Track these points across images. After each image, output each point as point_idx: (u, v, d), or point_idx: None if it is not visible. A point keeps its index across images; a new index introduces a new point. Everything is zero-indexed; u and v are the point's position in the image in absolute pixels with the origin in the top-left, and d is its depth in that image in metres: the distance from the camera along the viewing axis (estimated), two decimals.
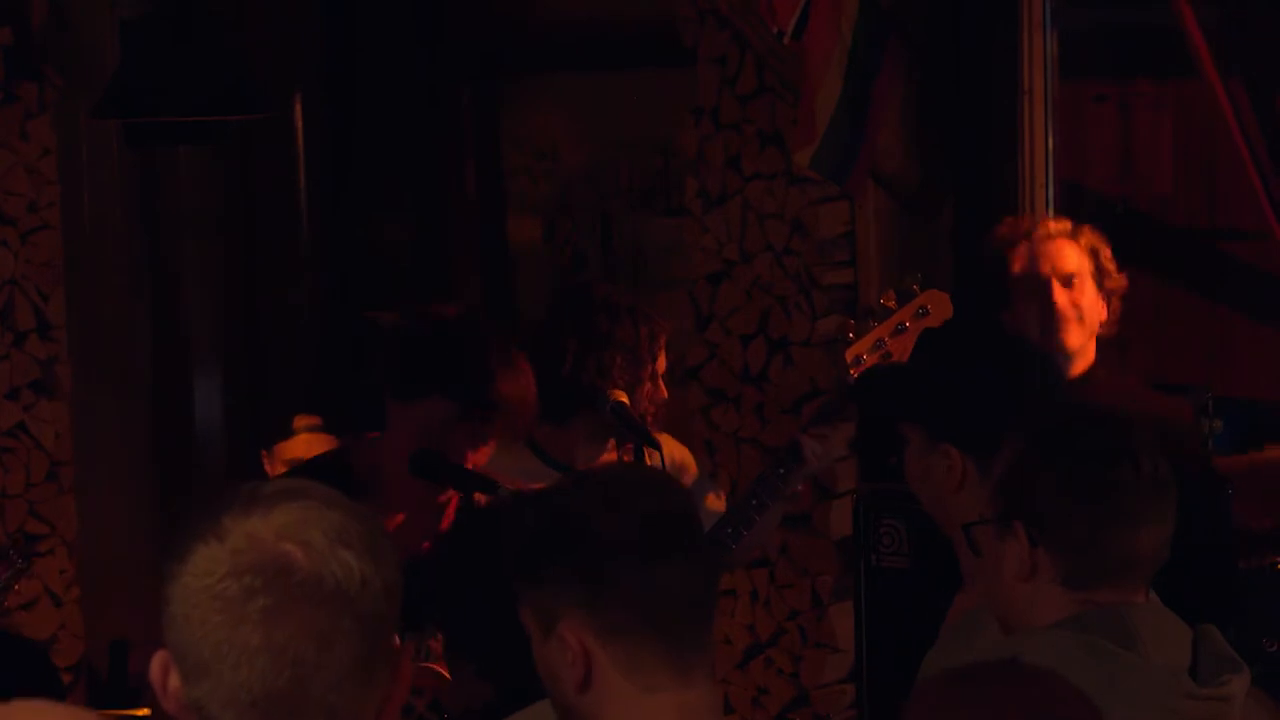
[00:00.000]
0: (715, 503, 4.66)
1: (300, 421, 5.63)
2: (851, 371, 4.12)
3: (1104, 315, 4.70)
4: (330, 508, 2.02)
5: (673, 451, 4.50)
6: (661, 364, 4.52)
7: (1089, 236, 4.77)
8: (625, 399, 4.39)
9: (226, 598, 1.96)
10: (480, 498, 4.00)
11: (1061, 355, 4.48)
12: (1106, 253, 4.74)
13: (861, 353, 4.11)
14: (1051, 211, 5.67)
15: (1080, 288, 4.70)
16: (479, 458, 3.96)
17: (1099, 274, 4.72)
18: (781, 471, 4.27)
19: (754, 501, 4.26)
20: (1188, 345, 4.80)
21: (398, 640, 2.05)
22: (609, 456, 4.51)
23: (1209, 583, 2.88)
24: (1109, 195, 5.89)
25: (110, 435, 6.71)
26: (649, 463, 4.19)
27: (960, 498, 3.11)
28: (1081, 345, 4.57)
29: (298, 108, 7.10)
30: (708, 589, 2.47)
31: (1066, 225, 4.81)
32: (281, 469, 5.41)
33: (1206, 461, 4.67)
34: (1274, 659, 3.94)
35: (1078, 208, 5.82)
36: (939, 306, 4.10)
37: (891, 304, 4.14)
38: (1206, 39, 5.39)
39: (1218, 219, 5.71)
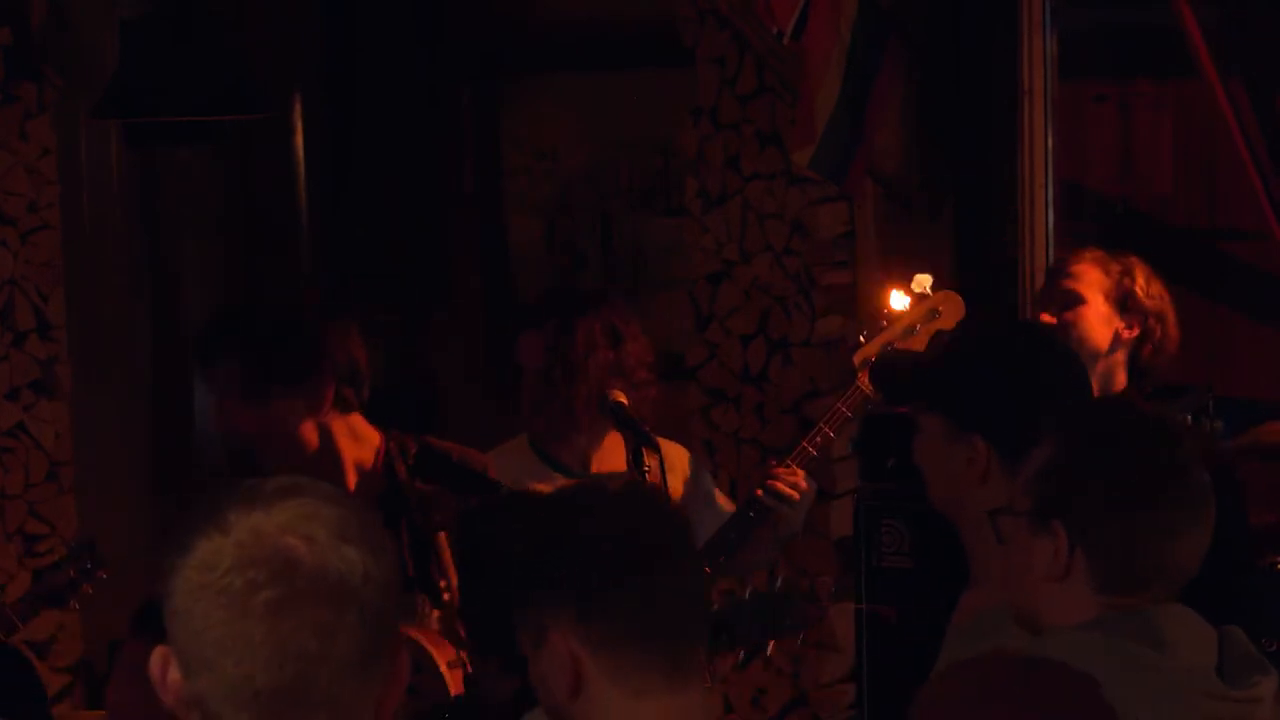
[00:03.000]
0: (725, 503, 4.65)
1: None
2: (859, 376, 4.08)
3: (1125, 338, 4.70)
4: (330, 503, 2.03)
5: (670, 454, 4.50)
6: (636, 333, 4.52)
7: (1122, 264, 4.74)
8: (624, 399, 4.38)
9: (231, 592, 1.97)
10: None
11: None
12: (1140, 281, 4.70)
13: (870, 356, 4.07)
14: (1051, 212, 5.67)
15: (1080, 312, 4.69)
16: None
17: (1122, 301, 4.69)
18: (733, 537, 4.25)
19: (720, 558, 4.24)
20: (1188, 345, 4.79)
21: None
22: (612, 453, 4.50)
23: (1220, 583, 2.86)
24: (1109, 195, 5.90)
25: (110, 435, 6.71)
26: (648, 464, 4.17)
27: (980, 491, 3.08)
28: None
29: (298, 108, 7.09)
30: (696, 599, 2.51)
31: (1098, 252, 4.81)
32: None
33: (1223, 460, 4.65)
34: (1274, 659, 3.93)
35: (1078, 208, 5.82)
36: (951, 308, 4.06)
37: (903, 306, 4.09)
38: (1206, 39, 5.39)
39: (1218, 219, 5.72)
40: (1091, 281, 4.75)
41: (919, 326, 4.05)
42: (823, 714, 5.91)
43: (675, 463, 4.50)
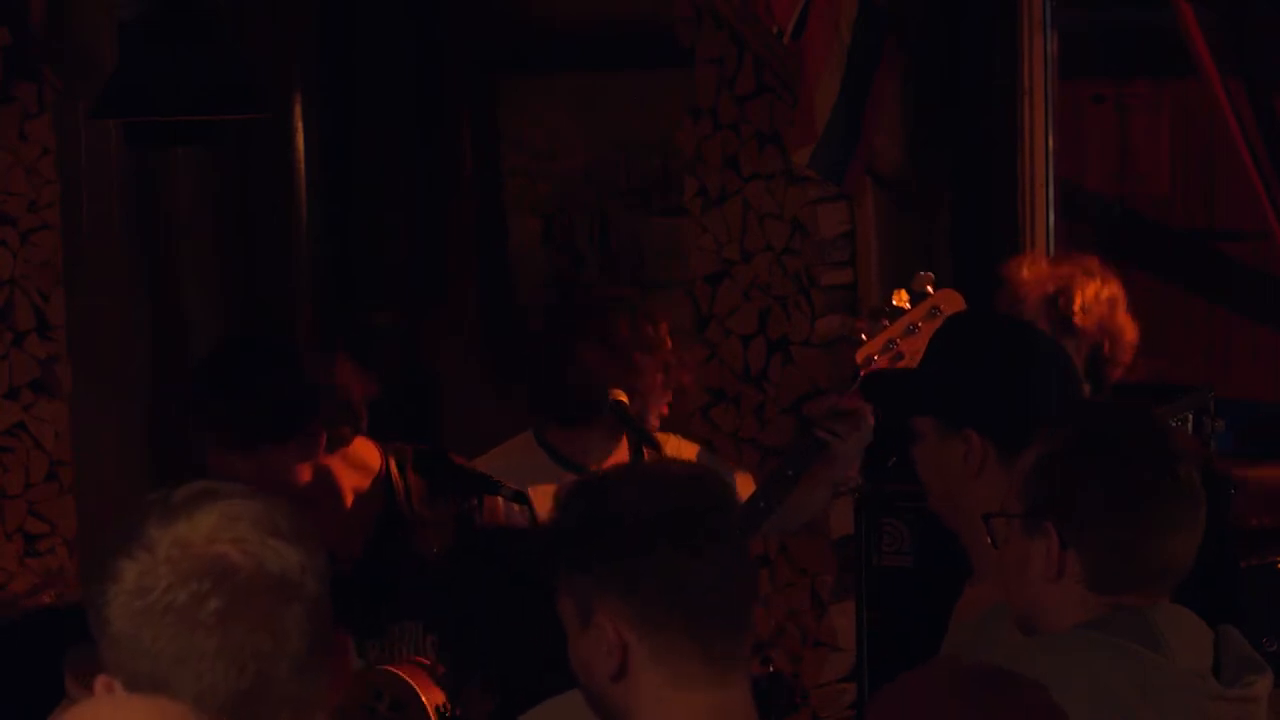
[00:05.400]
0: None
1: None
2: (861, 374, 4.06)
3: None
4: (249, 500, 2.04)
5: (678, 451, 4.49)
6: (668, 350, 4.49)
7: (1060, 284, 4.70)
8: (624, 398, 4.37)
9: (176, 608, 1.96)
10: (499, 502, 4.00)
11: None
12: (1077, 301, 4.68)
13: (873, 354, 4.05)
14: (1052, 212, 5.67)
15: None
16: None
17: (1063, 326, 4.67)
18: (790, 474, 4.22)
19: (761, 504, 4.21)
20: (1188, 345, 4.80)
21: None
22: (622, 454, 4.49)
23: (1209, 582, 2.87)
24: (1107, 196, 5.90)
25: (110, 435, 6.71)
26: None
27: (978, 486, 3.09)
28: None
29: (298, 108, 7.09)
30: (743, 587, 2.49)
31: (1040, 268, 4.78)
32: None
33: (1208, 461, 4.66)
34: (1274, 659, 3.95)
35: (1075, 208, 5.83)
36: (952, 306, 4.04)
37: (904, 304, 4.07)
38: (1206, 39, 5.39)
39: (1216, 219, 5.73)
40: (1035, 309, 4.71)
41: (920, 324, 4.02)
42: (823, 714, 5.91)
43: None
